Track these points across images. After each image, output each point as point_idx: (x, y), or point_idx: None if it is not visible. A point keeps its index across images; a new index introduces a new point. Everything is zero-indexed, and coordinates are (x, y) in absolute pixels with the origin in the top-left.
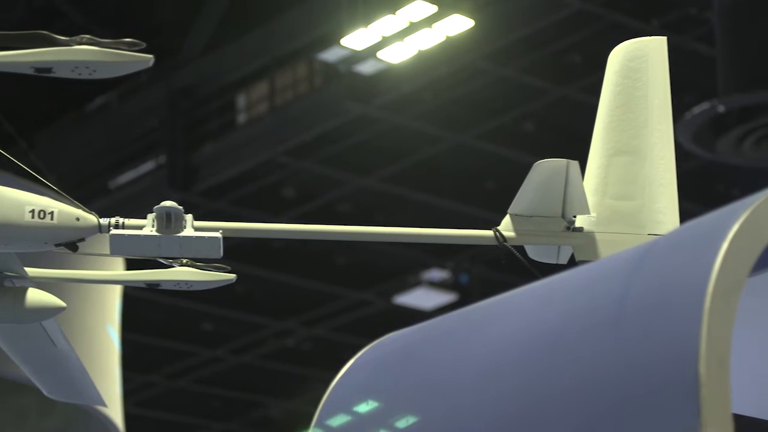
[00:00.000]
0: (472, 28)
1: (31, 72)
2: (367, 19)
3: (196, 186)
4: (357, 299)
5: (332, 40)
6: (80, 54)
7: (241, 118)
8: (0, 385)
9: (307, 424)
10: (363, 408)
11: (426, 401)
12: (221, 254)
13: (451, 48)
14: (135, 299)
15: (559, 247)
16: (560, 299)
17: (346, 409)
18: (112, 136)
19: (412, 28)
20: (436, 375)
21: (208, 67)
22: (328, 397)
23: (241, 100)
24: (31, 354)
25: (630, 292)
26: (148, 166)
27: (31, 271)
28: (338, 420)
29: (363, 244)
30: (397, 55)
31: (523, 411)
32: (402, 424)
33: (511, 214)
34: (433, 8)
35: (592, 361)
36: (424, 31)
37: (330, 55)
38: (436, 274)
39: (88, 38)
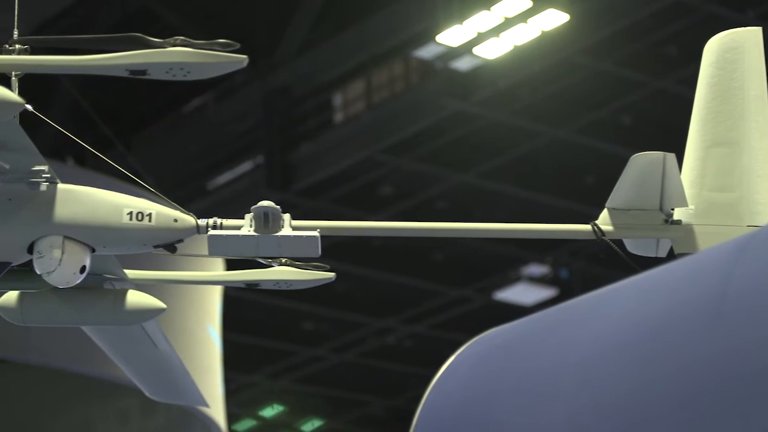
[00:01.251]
0: (567, 22)
1: (126, 74)
2: (462, 15)
3: (294, 185)
4: (457, 296)
5: (428, 37)
6: (174, 56)
7: (338, 116)
8: (102, 387)
9: (409, 422)
10: (464, 404)
11: (527, 396)
12: (319, 253)
13: (546, 43)
14: (235, 300)
15: (657, 240)
16: (661, 292)
17: (448, 405)
18: (209, 137)
19: (508, 23)
20: (537, 370)
21: (304, 67)
22: (429, 394)
23: (338, 99)
24: (132, 356)
25: (731, 282)
26: (245, 166)
27: (130, 273)
28: (440, 416)
29: (461, 240)
30: (492, 50)
31: (627, 404)
32: (504, 419)
33: (609, 208)
34: (528, 3)
35: (696, 353)
36: (519, 27)
37: (426, 52)
38: (536, 269)
39: (182, 40)
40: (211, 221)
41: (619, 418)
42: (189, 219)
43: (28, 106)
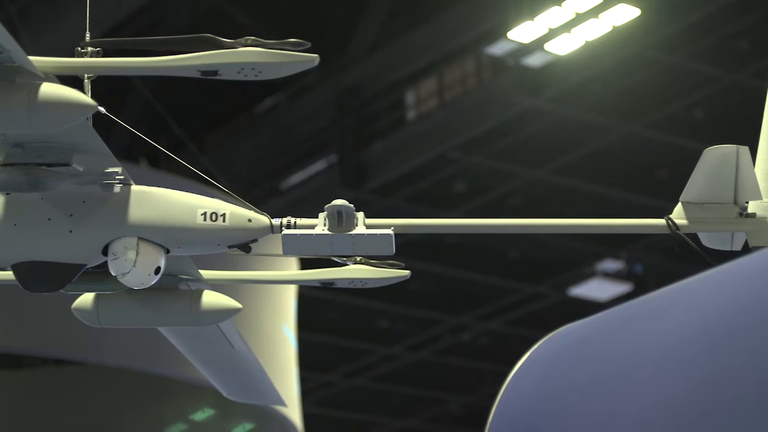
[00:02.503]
0: (638, 17)
1: (197, 75)
2: (533, 11)
3: (368, 184)
4: (531, 292)
5: (499, 33)
6: (245, 56)
7: (411, 114)
8: (180, 387)
9: (485, 419)
10: (539, 400)
11: (602, 392)
12: (393, 251)
13: (618, 38)
14: (310, 299)
15: (732, 233)
16: (736, 286)
17: (523, 401)
18: (282, 137)
19: (579, 19)
20: (612, 365)
21: (376, 65)
22: (504, 390)
23: (410, 97)
24: (209, 356)
25: None
26: (318, 165)
27: (206, 273)
28: (515, 413)
29: (535, 236)
30: (564, 46)
31: (701, 398)
32: (580, 415)
33: (683, 202)
34: None
35: None
36: (590, 22)
37: (497, 48)
38: (610, 264)
39: (252, 40)
40: (285, 221)
41: (693, 411)
42: (263, 219)
43: (101, 109)
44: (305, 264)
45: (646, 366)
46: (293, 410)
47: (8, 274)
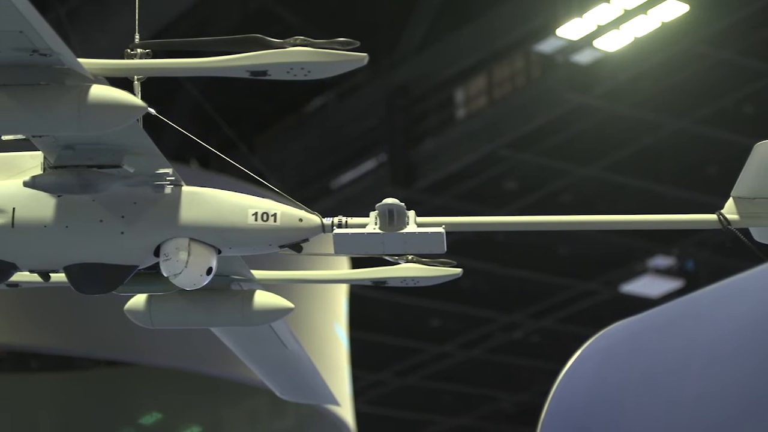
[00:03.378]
0: (687, 12)
1: (246, 76)
2: (581, 8)
3: (418, 182)
4: (583, 289)
5: (548, 31)
6: (294, 55)
7: (460, 113)
8: (232, 388)
9: (538, 416)
10: (591, 397)
11: (655, 388)
12: (445, 249)
13: (667, 33)
14: (362, 298)
15: None
16: None
17: (575, 398)
18: (332, 136)
19: (628, 15)
20: (664, 361)
21: (425, 64)
22: (557, 387)
23: (459, 95)
24: (262, 356)
25: None
26: (368, 164)
27: (257, 273)
28: (568, 409)
29: (586, 233)
30: (613, 43)
31: (755, 392)
32: (632, 410)
33: (734, 197)
34: None
35: None
36: (639, 18)
37: (546, 46)
38: (662, 261)
39: (301, 39)
40: (336, 220)
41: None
42: (314, 218)
43: (151, 110)
44: (357, 263)
45: (698, 361)
46: (346, 410)
47: (60, 276)
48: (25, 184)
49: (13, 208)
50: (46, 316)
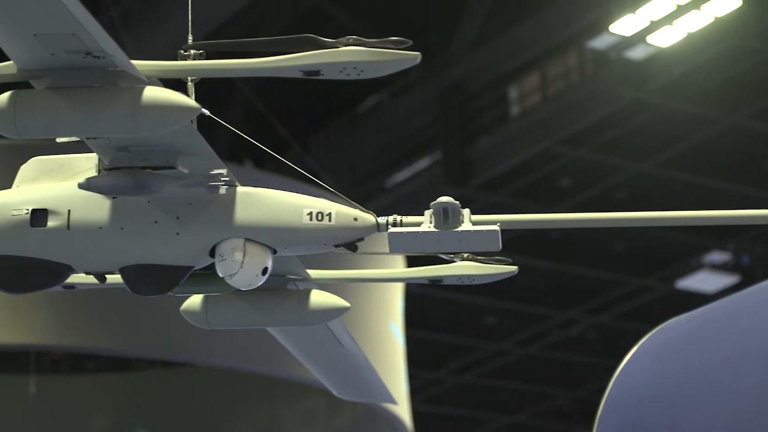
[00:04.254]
0: (740, 7)
1: (299, 76)
2: (634, 4)
3: (473, 180)
4: (638, 285)
5: (601, 27)
6: (347, 55)
7: (514, 110)
8: (289, 388)
9: (595, 413)
10: (648, 392)
11: (712, 384)
12: (500, 247)
13: (720, 28)
14: (417, 296)
15: None
16: None
17: (632, 394)
18: (386, 135)
19: (680, 10)
20: (721, 357)
21: (479, 61)
22: (613, 383)
23: (513, 92)
24: (318, 355)
25: None
26: (423, 163)
27: (313, 273)
28: (625, 405)
29: (642, 230)
30: (666, 38)
31: None
32: (689, 406)
33: None
34: None
35: None
36: (692, 13)
37: (599, 42)
38: (717, 256)
39: (354, 39)
40: (390, 219)
41: None
42: (369, 217)
43: (205, 111)
44: (412, 262)
45: (754, 356)
46: (403, 408)
47: (116, 278)
48: (80, 186)
49: (69, 210)
50: (103, 318)
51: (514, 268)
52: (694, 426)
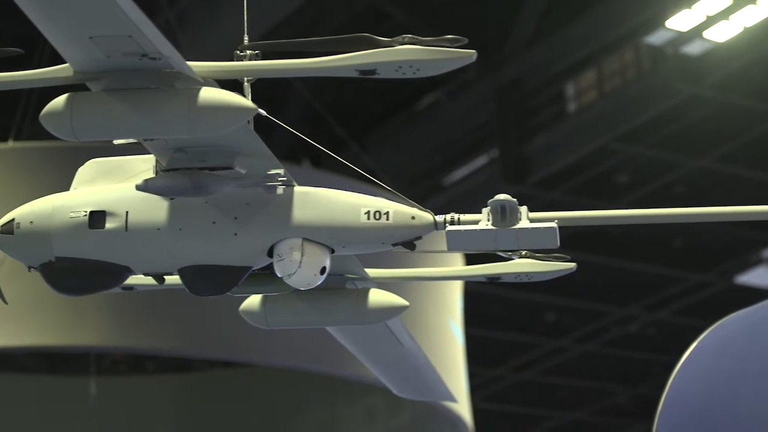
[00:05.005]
0: None
1: (355, 75)
2: None
3: (530, 177)
4: (697, 281)
5: (657, 23)
6: (403, 54)
7: (571, 107)
8: (349, 387)
9: (655, 409)
10: (708, 388)
11: None
12: (558, 244)
13: None
14: (476, 294)
15: None
16: None
17: (692, 390)
18: (443, 133)
19: (736, 5)
20: None
21: (535, 59)
22: (673, 379)
23: (570, 89)
24: (378, 354)
25: None
26: (480, 160)
27: (371, 272)
28: (684, 402)
29: (700, 225)
30: (722, 33)
31: None
32: (750, 401)
33: None
34: None
35: None
36: (748, 8)
37: (656, 38)
38: None
39: (409, 38)
40: (448, 217)
41: None
42: (426, 216)
43: (262, 111)
44: (470, 260)
45: None
46: (463, 406)
47: (175, 279)
48: (138, 187)
49: (127, 212)
50: (162, 319)
51: (573, 264)
52: (754, 421)
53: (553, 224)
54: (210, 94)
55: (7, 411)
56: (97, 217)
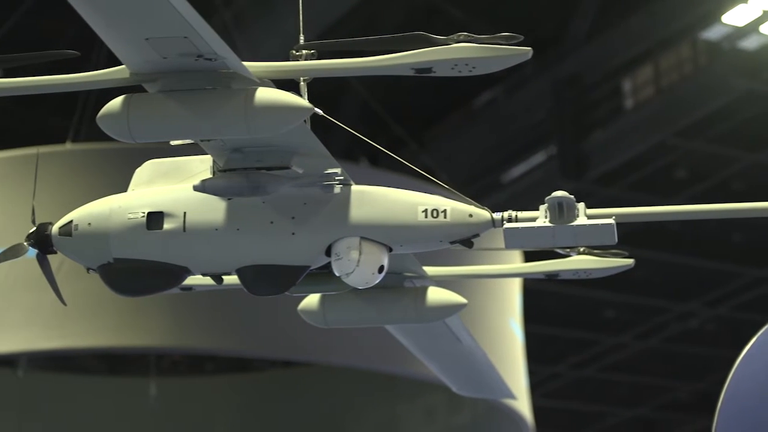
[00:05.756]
0: None
1: (411, 73)
2: None
3: (588, 174)
4: (757, 276)
5: (713, 18)
6: (458, 51)
7: (628, 103)
8: (409, 385)
9: (715, 404)
10: None
11: None
12: (616, 240)
13: None
14: (535, 291)
15: None
16: None
17: (752, 385)
18: (500, 130)
19: None
20: None
21: (592, 54)
22: (733, 375)
23: (627, 85)
24: (437, 352)
25: None
26: (538, 157)
27: (430, 270)
28: (745, 396)
29: (759, 220)
30: None
31: None
32: None
33: None
34: None
35: None
36: None
37: (712, 33)
38: None
39: (465, 35)
40: (506, 214)
41: None
42: (484, 213)
43: (318, 110)
44: (528, 257)
45: None
46: (523, 403)
47: (233, 279)
48: (195, 188)
49: (184, 213)
50: (221, 319)
51: (631, 261)
52: None
53: (611, 220)
54: (266, 94)
55: (67, 412)
56: (155, 218)
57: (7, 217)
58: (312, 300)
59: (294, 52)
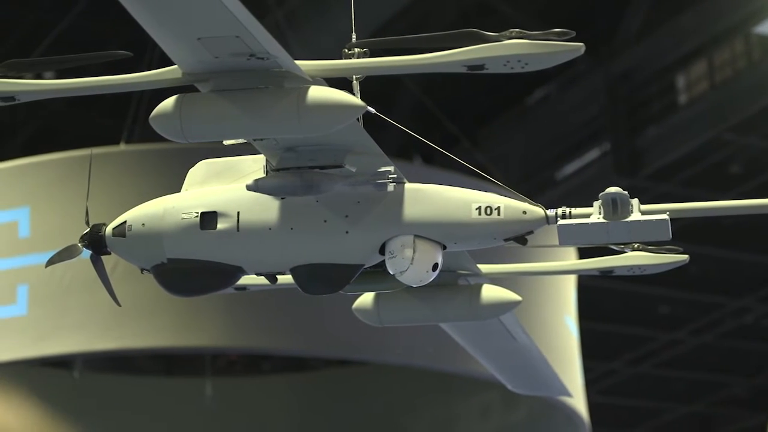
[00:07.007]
0: None
1: (463, 70)
2: None
3: (643, 170)
4: None
5: (766, 13)
6: (511, 48)
7: (682, 98)
8: (464, 383)
9: None
10: None
11: None
12: (670, 236)
13: None
14: (589, 288)
15: None
16: None
17: None
18: (554, 127)
19: None
20: None
21: (645, 50)
22: None
23: (681, 81)
24: (492, 350)
25: None
26: (592, 154)
27: (484, 267)
28: None
29: None
30: None
31: None
32: None
33: None
34: None
35: None
36: None
37: (766, 28)
38: None
39: (517, 32)
40: (560, 211)
41: None
42: (537, 210)
43: (371, 109)
44: (583, 253)
45: None
46: (578, 401)
47: (287, 278)
48: (248, 187)
49: (238, 213)
50: (276, 318)
51: (685, 256)
52: None
53: (665, 216)
54: (319, 92)
55: (123, 413)
56: (209, 218)
57: (61, 218)
58: (366, 299)
59: (346, 50)
